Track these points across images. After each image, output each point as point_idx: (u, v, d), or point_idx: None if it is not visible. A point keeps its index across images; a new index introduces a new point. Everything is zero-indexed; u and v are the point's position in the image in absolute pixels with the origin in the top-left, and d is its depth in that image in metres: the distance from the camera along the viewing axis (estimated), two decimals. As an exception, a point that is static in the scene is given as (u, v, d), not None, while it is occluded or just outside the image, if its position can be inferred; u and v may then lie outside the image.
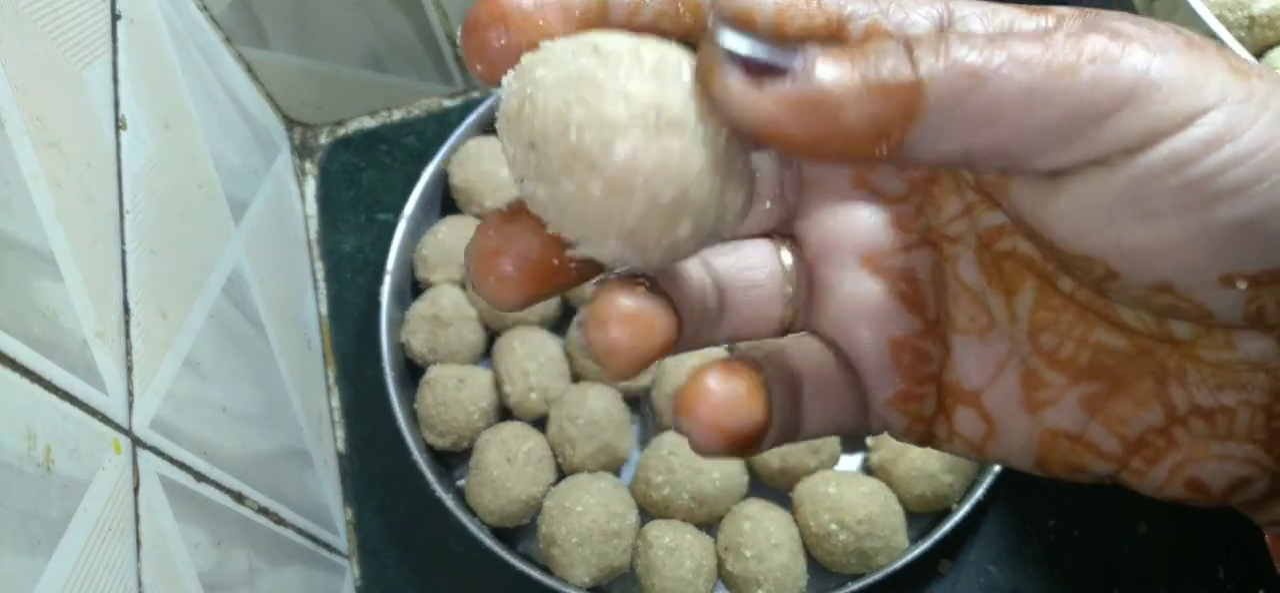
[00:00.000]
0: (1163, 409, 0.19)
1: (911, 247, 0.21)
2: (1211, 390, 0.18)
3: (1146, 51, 0.15)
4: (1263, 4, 0.42)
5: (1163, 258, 0.16)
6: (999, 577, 0.54)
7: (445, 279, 0.60)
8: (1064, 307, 0.20)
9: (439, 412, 0.56)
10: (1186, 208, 0.15)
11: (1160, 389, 0.19)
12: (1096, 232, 0.16)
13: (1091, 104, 0.15)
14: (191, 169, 0.50)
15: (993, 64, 0.15)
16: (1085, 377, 0.19)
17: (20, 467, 0.30)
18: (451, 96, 0.71)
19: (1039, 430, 0.20)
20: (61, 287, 0.34)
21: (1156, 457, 0.19)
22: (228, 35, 0.62)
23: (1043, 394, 0.20)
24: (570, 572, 0.51)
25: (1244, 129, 0.15)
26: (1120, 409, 0.19)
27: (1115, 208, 0.16)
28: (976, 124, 0.16)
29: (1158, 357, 0.19)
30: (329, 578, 0.55)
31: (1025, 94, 0.15)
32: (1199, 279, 0.16)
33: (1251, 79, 0.16)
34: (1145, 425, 0.19)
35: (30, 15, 0.37)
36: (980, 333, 0.21)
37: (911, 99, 0.15)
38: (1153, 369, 0.19)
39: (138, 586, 0.35)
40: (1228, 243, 0.16)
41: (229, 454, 0.45)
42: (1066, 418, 0.20)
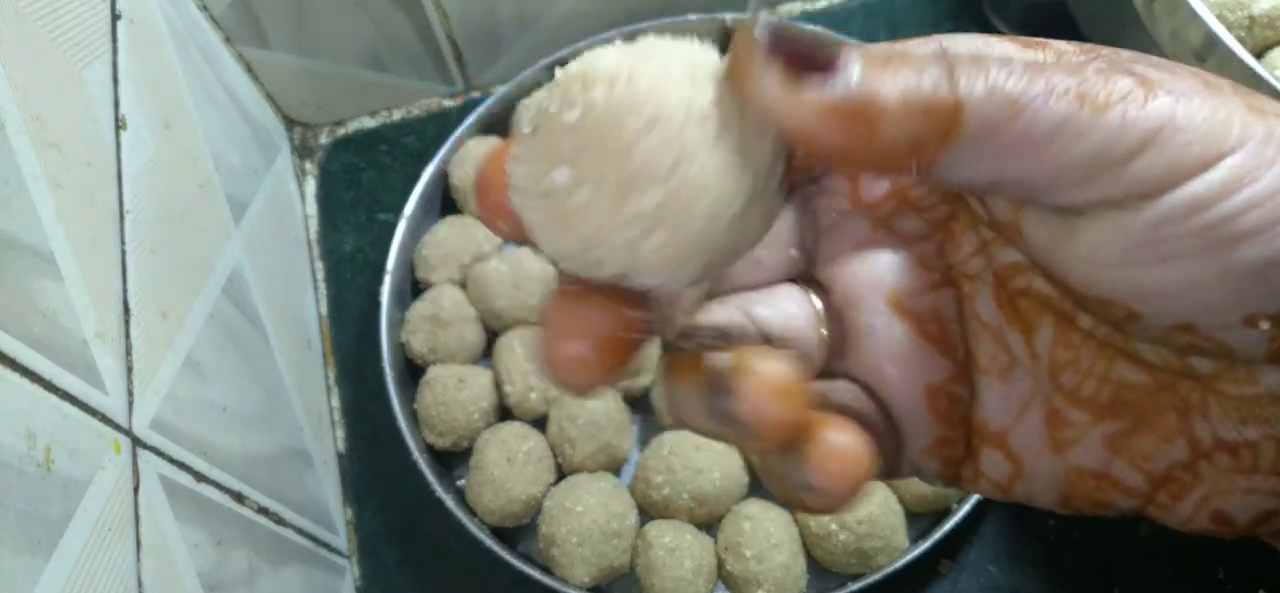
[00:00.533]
0: (1187, 444, 0.19)
1: (936, 286, 0.21)
2: (1235, 424, 0.18)
3: (1171, 97, 0.15)
4: (1263, 4, 0.42)
5: (1183, 299, 0.16)
6: (999, 577, 0.54)
7: (445, 279, 0.60)
8: (1083, 343, 0.19)
9: (439, 412, 0.56)
10: (1206, 250, 0.16)
11: (1184, 424, 0.19)
12: (1114, 274, 0.16)
13: (1119, 143, 0.15)
14: (191, 169, 0.50)
15: (1031, 94, 0.15)
16: (1108, 414, 0.19)
17: (20, 467, 0.30)
18: (451, 97, 0.71)
19: (1064, 469, 0.20)
20: (61, 287, 0.34)
21: (1182, 491, 0.19)
22: (228, 35, 0.62)
23: (1066, 433, 0.20)
24: (570, 572, 0.51)
25: (1263, 171, 0.15)
26: (1144, 445, 0.19)
27: (1133, 250, 0.16)
28: (1008, 152, 0.16)
29: (1180, 392, 0.19)
30: (329, 578, 0.55)
31: (1057, 128, 0.15)
32: (1221, 320, 0.16)
33: (1269, 119, 0.16)
34: (1170, 461, 0.19)
35: (30, 15, 0.37)
36: (1002, 373, 0.21)
37: (950, 121, 0.16)
38: (1175, 404, 0.19)
39: (138, 586, 0.35)
40: (1249, 284, 0.16)
41: (229, 454, 0.45)
42: (1091, 456, 0.20)
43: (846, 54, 0.16)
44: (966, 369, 0.21)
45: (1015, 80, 0.16)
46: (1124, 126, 0.15)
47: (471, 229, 0.61)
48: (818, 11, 0.70)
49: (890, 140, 0.16)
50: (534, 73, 0.64)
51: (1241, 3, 0.42)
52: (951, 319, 0.21)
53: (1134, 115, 0.15)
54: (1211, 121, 0.15)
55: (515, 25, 0.67)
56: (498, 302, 0.58)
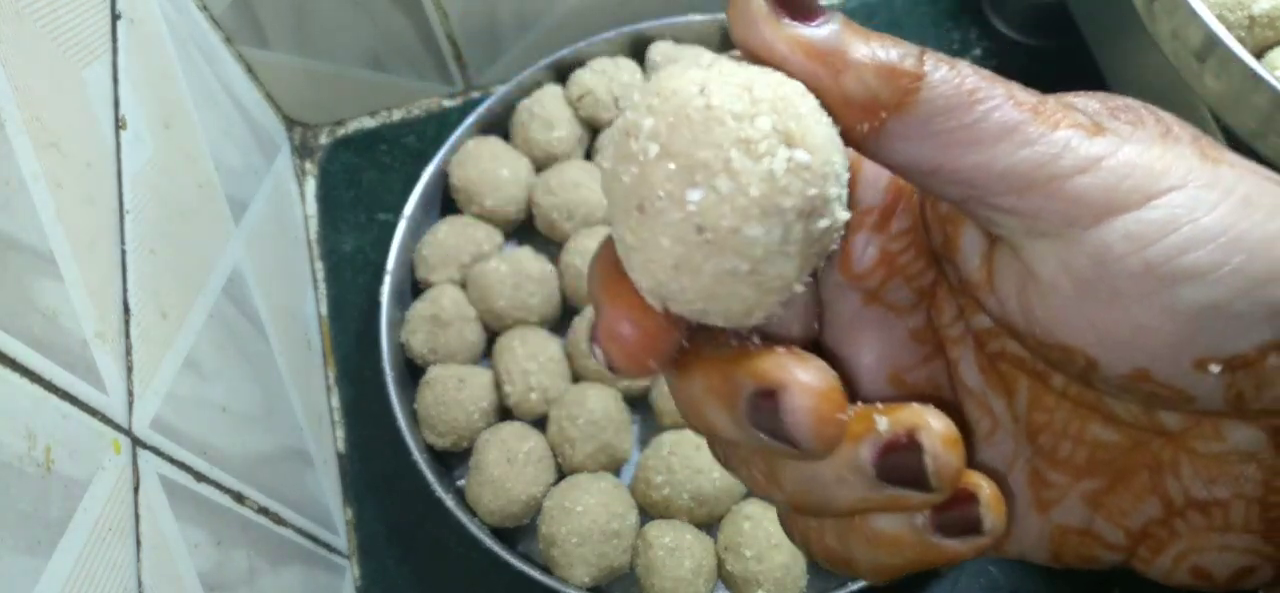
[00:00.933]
0: (1160, 502, 0.19)
1: (930, 358, 0.21)
2: (1205, 483, 0.18)
3: (1119, 138, 0.16)
4: (1262, 4, 0.42)
5: (1135, 343, 0.16)
6: (999, 577, 0.54)
7: (445, 279, 0.60)
8: (1057, 405, 0.20)
9: (439, 412, 0.56)
10: (1150, 291, 0.16)
11: (1156, 482, 0.19)
12: (1070, 316, 0.17)
13: (1060, 159, 0.16)
14: (191, 169, 0.50)
15: (989, 92, 0.16)
16: (1085, 473, 0.20)
17: (20, 467, 0.30)
18: (451, 96, 0.71)
19: (1050, 528, 0.20)
20: (61, 287, 0.34)
21: (1160, 547, 0.19)
22: (228, 35, 0.62)
23: (1049, 493, 0.20)
24: (570, 572, 0.51)
25: (1204, 212, 0.15)
26: (1121, 502, 0.19)
27: (1084, 288, 0.16)
28: (956, 140, 0.16)
29: (1152, 449, 0.19)
30: (329, 578, 0.55)
31: (1006, 130, 0.16)
32: (1173, 365, 0.16)
33: (1221, 166, 0.16)
34: (1146, 518, 0.19)
35: (30, 15, 0.37)
36: (987, 436, 0.21)
37: (908, 89, 0.16)
38: (1148, 462, 0.19)
39: (138, 586, 0.35)
40: (1195, 327, 0.16)
41: (229, 454, 0.45)
42: (1073, 515, 0.20)
43: (833, 14, 0.17)
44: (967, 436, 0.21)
45: (979, 79, 0.16)
46: (1067, 147, 0.16)
47: (471, 229, 0.61)
48: (818, 11, 0.70)
49: (850, 90, 0.17)
50: (534, 73, 0.64)
51: (1241, 2, 0.42)
52: (947, 388, 0.21)
53: (1078, 141, 0.16)
54: (1157, 161, 0.16)
55: (515, 25, 0.67)
56: (498, 302, 0.58)
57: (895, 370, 0.21)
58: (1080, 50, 0.59)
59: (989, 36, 0.68)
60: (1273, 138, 0.38)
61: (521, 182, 0.62)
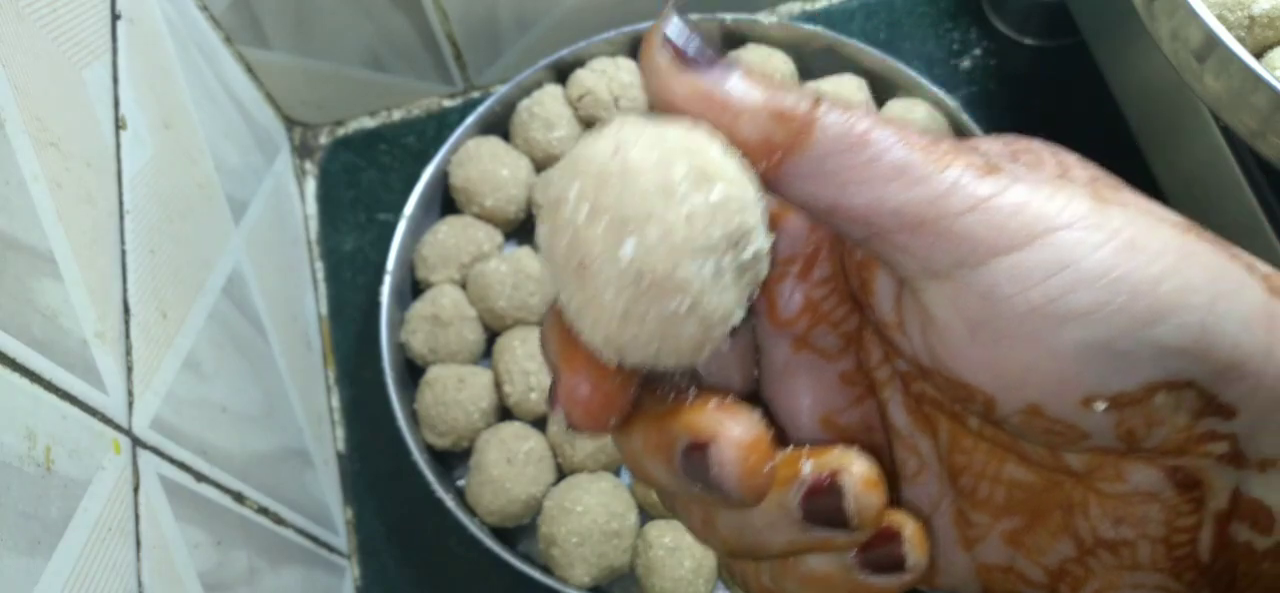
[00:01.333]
0: (1073, 541, 0.19)
1: (860, 399, 0.22)
2: (1112, 523, 0.19)
3: (1010, 177, 0.17)
4: (1262, 4, 0.42)
5: (1025, 381, 0.17)
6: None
7: (445, 279, 0.60)
8: (975, 446, 0.20)
9: (439, 412, 0.56)
10: (1035, 330, 0.16)
11: (1068, 522, 0.19)
12: (966, 355, 0.17)
13: (950, 198, 0.16)
14: (191, 169, 0.50)
15: (880, 135, 0.17)
16: (1004, 513, 0.20)
17: (20, 467, 0.30)
18: (451, 96, 0.71)
19: (975, 565, 0.21)
20: (61, 287, 0.34)
21: (1078, 584, 0.20)
22: (228, 35, 0.62)
23: (972, 532, 0.21)
24: (570, 572, 0.51)
25: (1088, 253, 0.16)
26: (1038, 541, 0.20)
27: (975, 328, 0.17)
28: (851, 180, 0.17)
29: (1064, 489, 0.19)
30: (329, 578, 0.55)
31: (898, 169, 0.17)
32: (1062, 402, 0.17)
33: (1110, 207, 0.16)
34: (1061, 556, 0.20)
35: (30, 15, 0.37)
36: (914, 476, 0.22)
37: (802, 132, 0.17)
38: (1060, 502, 0.19)
39: (138, 586, 0.35)
40: (1079, 366, 0.16)
41: (229, 454, 0.45)
42: (995, 553, 0.21)
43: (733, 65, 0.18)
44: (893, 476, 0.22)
45: (872, 122, 0.17)
46: (956, 185, 0.16)
47: (471, 229, 0.61)
48: (817, 11, 0.70)
49: (747, 132, 0.17)
50: (534, 73, 0.64)
51: (1241, 2, 0.42)
52: (878, 429, 0.22)
53: (968, 180, 0.17)
54: (1046, 202, 0.16)
55: (515, 25, 0.67)
56: (498, 302, 0.58)
57: (827, 414, 0.22)
58: (1080, 50, 0.59)
59: (989, 36, 0.68)
60: (1272, 137, 0.38)
61: (521, 182, 0.62)
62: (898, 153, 0.17)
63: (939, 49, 0.68)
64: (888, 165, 0.17)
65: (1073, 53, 0.62)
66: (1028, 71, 0.66)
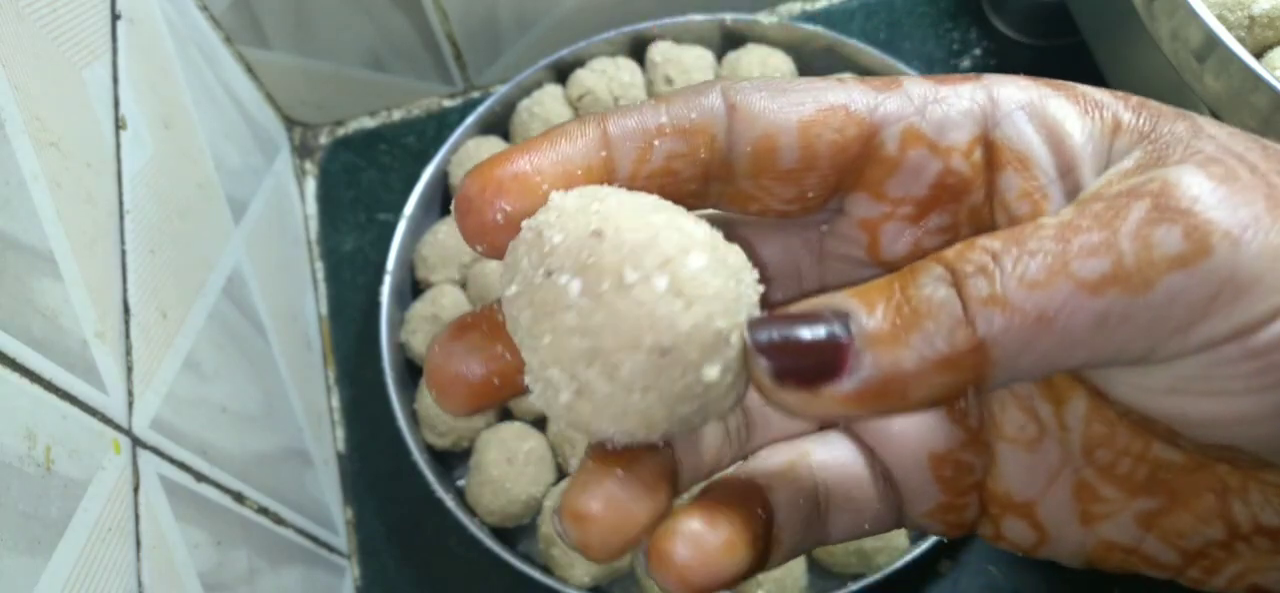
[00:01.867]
0: (1225, 526, 0.18)
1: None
2: (1276, 511, 0.18)
3: (1228, 241, 0.14)
4: (1262, 4, 0.42)
5: (1229, 428, 0.16)
6: (999, 577, 0.54)
7: (445, 279, 0.60)
8: (1119, 421, 0.19)
9: (438, 412, 0.56)
10: (1263, 388, 0.15)
11: (1223, 506, 0.18)
12: (1160, 401, 0.16)
13: (1172, 318, 0.14)
14: (191, 169, 0.50)
15: (1056, 302, 0.14)
16: (1143, 492, 0.19)
17: (20, 467, 0.30)
18: (451, 96, 0.71)
19: (1094, 542, 0.20)
20: (61, 286, 0.34)
21: (1217, 567, 0.18)
22: (228, 35, 0.62)
23: (1098, 508, 0.19)
24: (570, 572, 0.51)
25: None
26: (1179, 524, 0.19)
27: (1184, 382, 0.16)
28: (1054, 354, 0.15)
29: (1218, 473, 0.18)
30: (329, 578, 0.55)
31: (1098, 321, 0.15)
32: (1265, 445, 0.16)
33: None
34: (1205, 540, 0.18)
35: (30, 15, 0.37)
36: (1030, 443, 0.20)
37: (978, 364, 0.15)
38: (1213, 486, 0.18)
39: (138, 586, 0.35)
40: None
41: (229, 454, 0.45)
42: (1122, 532, 0.19)
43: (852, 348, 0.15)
44: (980, 436, 0.20)
45: (1036, 294, 0.14)
46: (1174, 299, 0.14)
47: (471, 229, 0.61)
48: (817, 11, 0.70)
49: (925, 398, 0.15)
50: (534, 73, 0.64)
51: (1241, 2, 0.42)
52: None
53: (1190, 284, 0.14)
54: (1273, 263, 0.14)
55: (515, 25, 0.67)
56: (498, 302, 0.58)
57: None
58: (1080, 50, 0.59)
59: (988, 36, 0.68)
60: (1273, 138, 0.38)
61: (521, 182, 0.62)
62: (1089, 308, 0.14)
63: (939, 49, 0.68)
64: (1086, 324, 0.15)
65: (1072, 53, 0.62)
66: (1027, 71, 0.66)
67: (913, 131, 0.18)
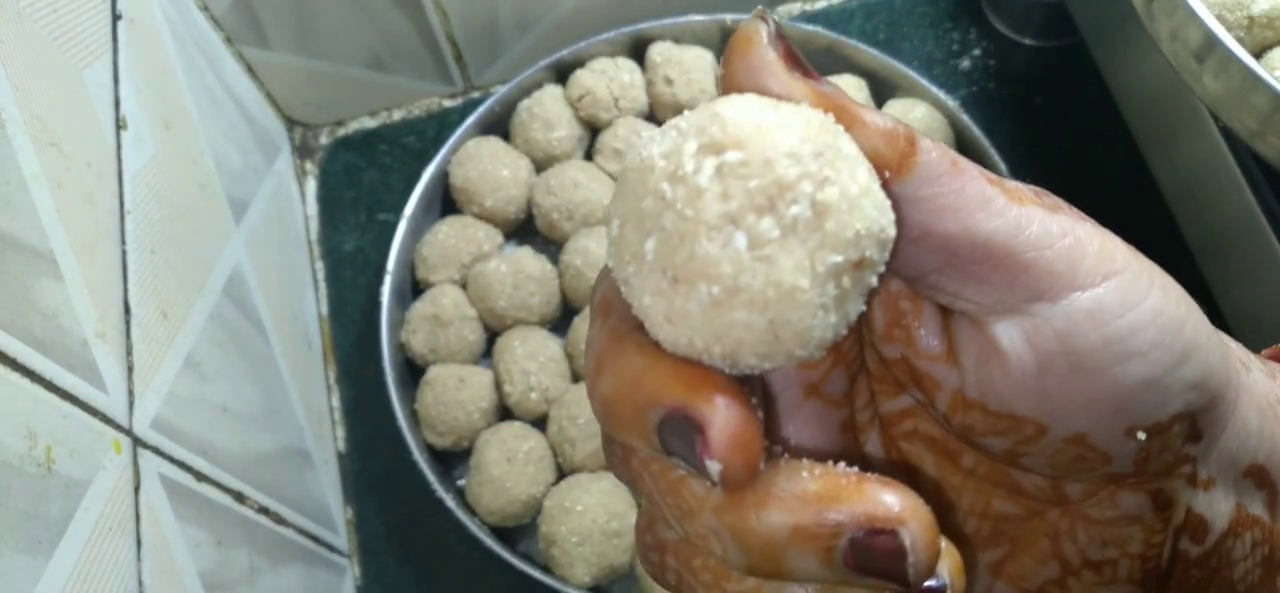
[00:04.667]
0: (1059, 565, 0.20)
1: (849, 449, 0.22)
2: (1099, 546, 0.20)
3: (1072, 219, 0.18)
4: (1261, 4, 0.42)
5: (1083, 412, 0.18)
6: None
7: (445, 279, 0.60)
8: (964, 483, 0.21)
9: (439, 412, 0.56)
10: (1105, 365, 0.17)
11: (1056, 548, 0.20)
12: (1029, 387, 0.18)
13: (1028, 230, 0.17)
14: (192, 169, 0.50)
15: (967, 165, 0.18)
16: (989, 544, 0.21)
17: (21, 466, 0.30)
18: (451, 97, 0.71)
19: None
20: (62, 286, 0.34)
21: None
22: (228, 35, 0.62)
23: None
24: (570, 572, 0.51)
25: (1144, 294, 0.17)
26: (1022, 568, 0.21)
27: (1047, 360, 0.18)
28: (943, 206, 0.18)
29: (1049, 519, 0.20)
30: (329, 578, 0.55)
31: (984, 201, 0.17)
32: (1109, 432, 0.18)
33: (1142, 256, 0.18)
34: (1043, 579, 0.21)
35: (31, 15, 0.37)
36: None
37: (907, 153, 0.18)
38: (1047, 531, 0.20)
39: (138, 585, 0.35)
40: (1133, 399, 0.18)
41: (229, 454, 0.45)
42: (976, 583, 0.21)
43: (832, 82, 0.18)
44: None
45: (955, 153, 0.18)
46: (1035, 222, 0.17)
47: (471, 229, 0.61)
48: (817, 11, 0.70)
49: (862, 145, 0.17)
50: (534, 73, 0.64)
51: (1240, 3, 0.42)
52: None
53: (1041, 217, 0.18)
54: (1103, 246, 0.18)
55: (515, 25, 0.67)
56: (498, 302, 0.58)
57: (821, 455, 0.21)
58: (1079, 50, 0.59)
59: (988, 36, 0.68)
60: (1271, 138, 0.38)
61: (522, 182, 0.62)
62: (981, 184, 0.17)
63: (938, 49, 0.68)
64: (975, 194, 0.17)
65: (1072, 53, 0.62)
66: (1027, 72, 0.66)
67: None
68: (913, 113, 0.60)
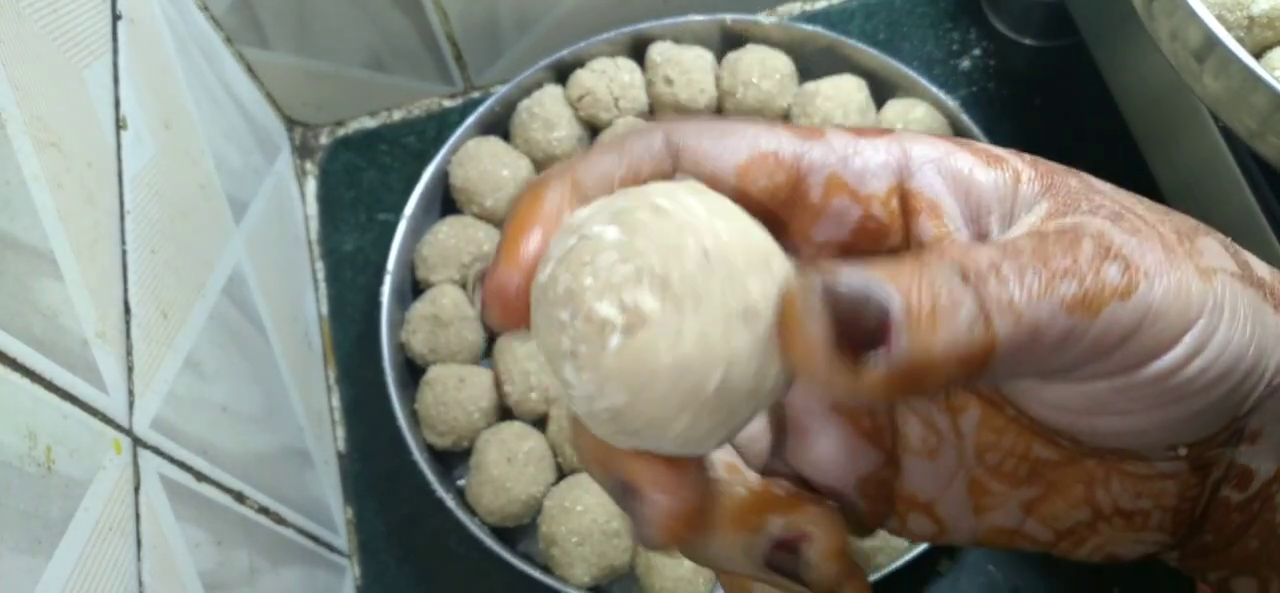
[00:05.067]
0: (1091, 510, 0.21)
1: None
2: (1132, 497, 0.20)
3: (1147, 280, 0.17)
4: (1261, 4, 0.42)
5: (1127, 437, 0.19)
6: (998, 576, 0.54)
7: (445, 279, 0.60)
8: (1006, 427, 0.21)
9: (439, 411, 0.56)
10: (1163, 405, 0.18)
11: (1089, 494, 0.21)
12: (1075, 419, 0.19)
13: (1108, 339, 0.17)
14: (192, 169, 0.50)
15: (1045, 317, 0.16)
16: (1025, 484, 0.21)
17: (21, 467, 0.30)
18: (451, 96, 0.71)
19: (984, 528, 0.22)
20: (62, 286, 0.34)
21: (1081, 541, 0.22)
22: (228, 35, 0.62)
23: (988, 501, 0.22)
24: (570, 572, 0.51)
25: (1211, 337, 0.17)
26: (1054, 509, 0.21)
27: (1097, 405, 0.18)
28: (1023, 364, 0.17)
29: (1086, 467, 0.21)
30: (329, 578, 0.55)
31: (1063, 339, 0.17)
32: (1154, 449, 0.19)
33: (1215, 282, 0.18)
34: (1075, 521, 0.21)
35: (31, 15, 0.37)
36: (930, 452, 0.22)
37: (985, 360, 0.16)
38: (1082, 478, 0.21)
39: (138, 586, 0.35)
40: (1185, 425, 0.18)
41: (229, 454, 0.45)
42: (1007, 518, 0.22)
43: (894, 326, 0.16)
44: (893, 454, 0.23)
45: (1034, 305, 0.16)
46: (1112, 324, 0.17)
47: (471, 229, 0.61)
48: (817, 11, 0.70)
49: (936, 385, 0.16)
50: (534, 73, 0.64)
51: (1241, 3, 0.42)
52: (882, 411, 0.22)
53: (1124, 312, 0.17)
54: (1178, 300, 0.17)
55: (515, 25, 0.67)
56: (498, 302, 0.58)
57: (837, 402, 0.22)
58: (1079, 50, 0.59)
59: (988, 36, 0.68)
60: (1271, 138, 0.38)
61: (522, 182, 0.62)
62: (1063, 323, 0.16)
63: (938, 49, 0.68)
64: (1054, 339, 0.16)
65: (1072, 53, 0.62)
66: (1027, 72, 0.66)
67: (836, 180, 0.20)
68: (913, 113, 0.60)
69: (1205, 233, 0.19)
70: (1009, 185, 0.19)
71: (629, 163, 0.19)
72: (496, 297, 0.18)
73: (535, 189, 0.19)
